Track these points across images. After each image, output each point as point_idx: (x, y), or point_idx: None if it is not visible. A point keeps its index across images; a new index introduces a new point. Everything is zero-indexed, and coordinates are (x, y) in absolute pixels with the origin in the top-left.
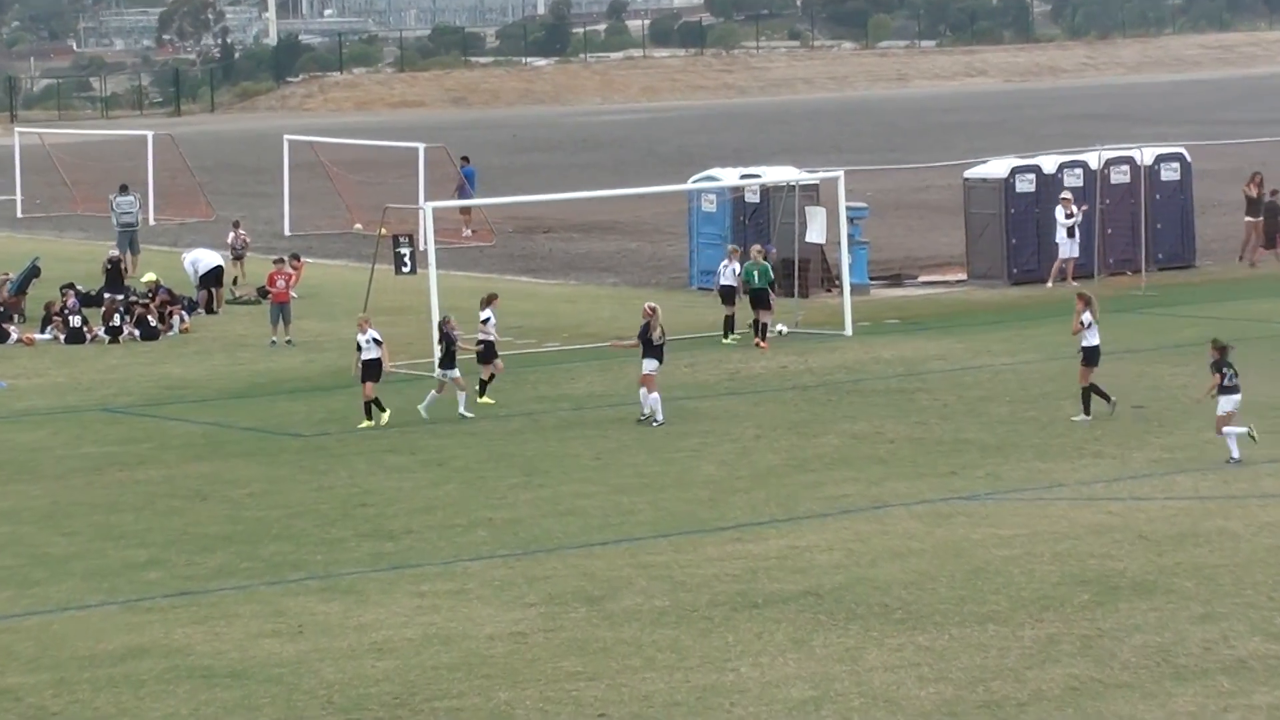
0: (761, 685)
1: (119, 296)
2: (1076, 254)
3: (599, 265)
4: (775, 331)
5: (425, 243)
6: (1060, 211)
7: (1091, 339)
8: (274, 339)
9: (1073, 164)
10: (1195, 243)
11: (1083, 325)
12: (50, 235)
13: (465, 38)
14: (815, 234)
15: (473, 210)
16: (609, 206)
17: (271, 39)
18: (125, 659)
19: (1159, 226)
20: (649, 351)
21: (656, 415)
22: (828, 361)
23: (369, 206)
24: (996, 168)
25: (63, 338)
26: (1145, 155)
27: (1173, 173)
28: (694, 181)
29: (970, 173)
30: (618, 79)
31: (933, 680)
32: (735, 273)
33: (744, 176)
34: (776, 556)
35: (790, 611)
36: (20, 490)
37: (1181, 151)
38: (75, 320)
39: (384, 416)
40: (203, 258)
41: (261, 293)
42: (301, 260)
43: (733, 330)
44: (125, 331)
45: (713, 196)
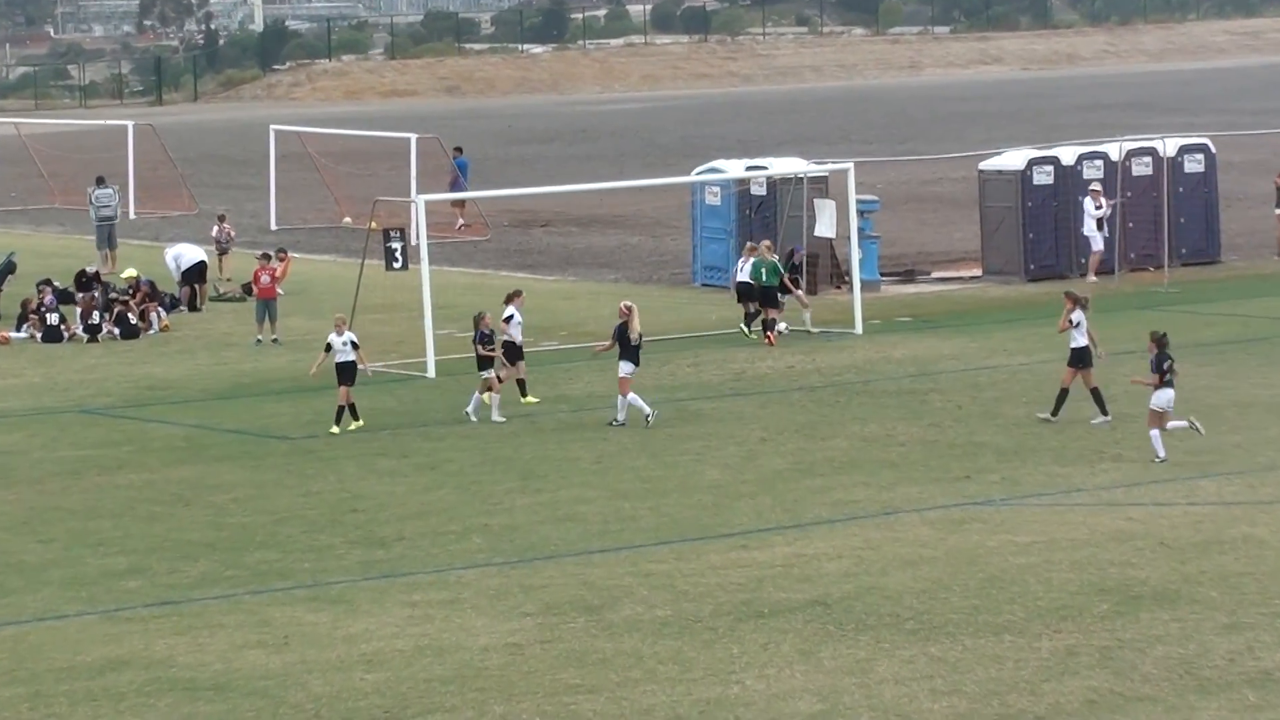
0: (767, 698)
1: (95, 294)
2: (1102, 247)
3: (598, 261)
4: (780, 330)
5: (417, 237)
6: (1089, 203)
7: (1080, 339)
8: (259, 337)
9: (1092, 155)
10: (1220, 237)
11: (1071, 324)
12: (27, 229)
13: (459, 24)
14: (824, 228)
15: (466, 203)
16: (608, 200)
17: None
18: (104, 671)
19: (1182, 220)
20: (626, 353)
21: (619, 415)
22: (837, 361)
23: (358, 199)
24: (1013, 159)
25: (39, 336)
26: (1168, 146)
27: (1197, 164)
28: (697, 174)
29: (986, 164)
30: (618, 67)
31: (946, 693)
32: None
33: (749, 168)
34: (783, 564)
35: (797, 622)
36: None
37: (1206, 142)
38: (52, 318)
39: (355, 425)
40: (185, 253)
41: (246, 289)
42: (288, 255)
43: (751, 323)
44: (104, 330)
45: (717, 189)
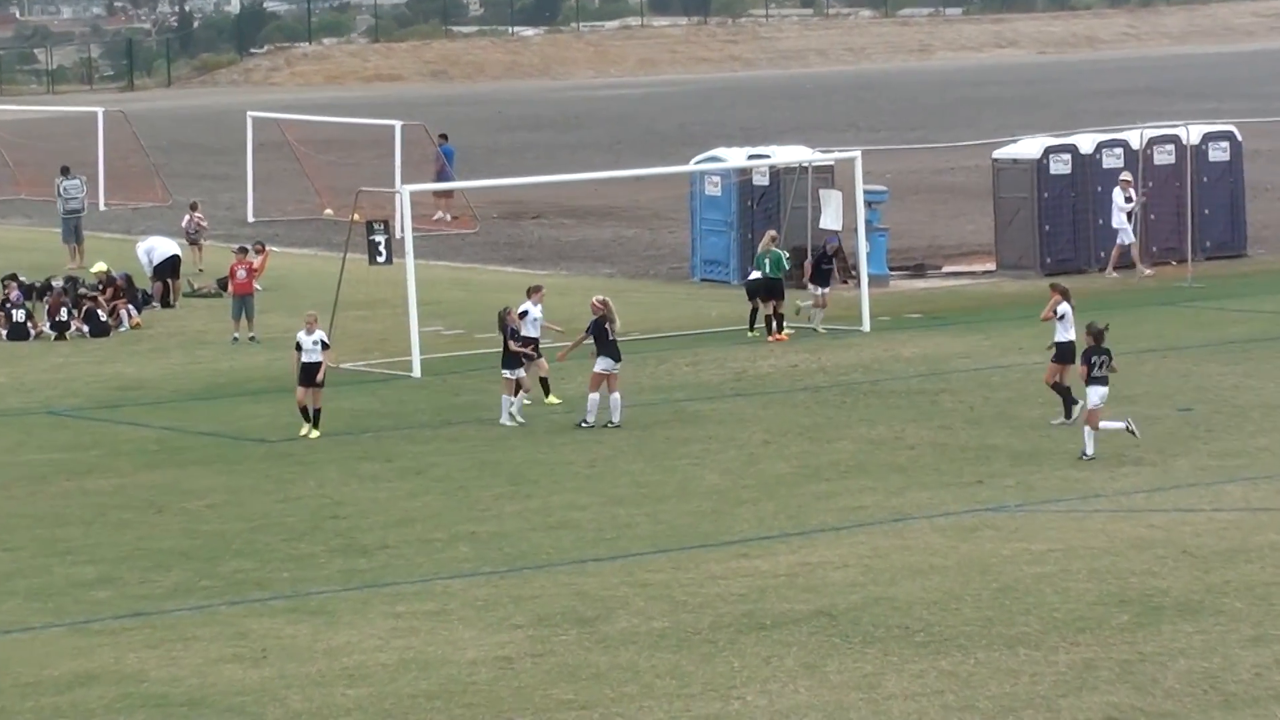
0: (770, 715)
1: (63, 290)
2: (1132, 239)
3: (592, 255)
4: (806, 316)
5: (402, 230)
6: (1119, 194)
7: (1065, 334)
8: (235, 335)
9: (1112, 144)
10: (1246, 229)
11: (1055, 315)
12: None
13: (446, 5)
14: (830, 220)
15: (453, 194)
16: (603, 190)
17: (233, 7)
18: (72, 686)
19: (1206, 212)
20: (605, 349)
21: (587, 416)
22: (843, 360)
23: (340, 190)
24: (1028, 147)
25: (4, 333)
26: (1191, 134)
27: (1222, 153)
28: (696, 163)
29: (1000, 153)
30: (613, 50)
31: (957, 709)
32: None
33: (751, 157)
34: (786, 574)
35: (801, 634)
36: None
37: (1231, 130)
38: (18, 315)
39: (314, 432)
40: (158, 246)
41: (222, 284)
42: (266, 249)
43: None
44: (73, 327)
45: (717, 179)
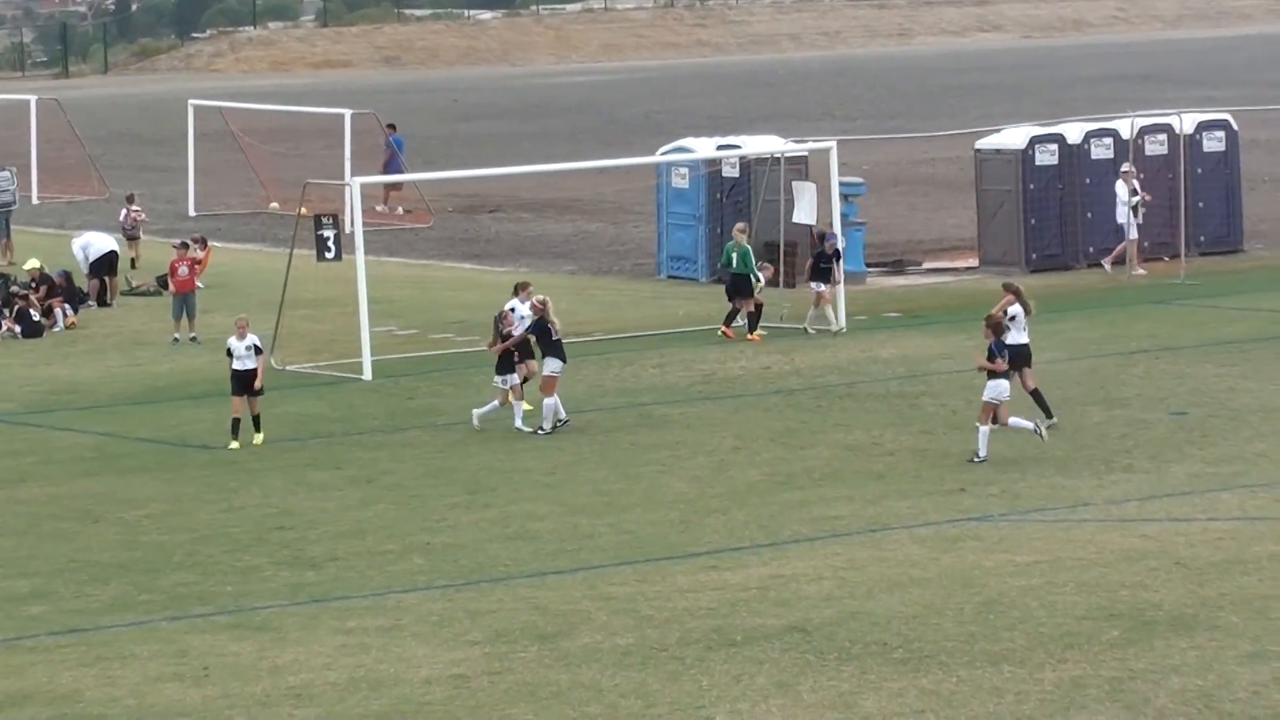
0: None
1: None
2: (1135, 235)
3: (553, 250)
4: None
5: (351, 224)
6: (1122, 188)
7: (1018, 336)
8: (176, 336)
9: (1101, 133)
10: (1243, 224)
11: (1004, 316)
12: None
13: None
14: (803, 214)
15: (403, 187)
16: (564, 182)
17: None
18: (3, 707)
19: (1201, 205)
20: (551, 349)
21: (544, 423)
22: (817, 361)
23: (287, 182)
24: (1013, 137)
25: None
26: (1185, 123)
27: (1217, 143)
28: (663, 153)
29: (983, 143)
30: (575, 35)
31: None
32: (764, 279)
33: (721, 148)
34: (758, 587)
35: (773, 651)
36: None
37: (1227, 118)
38: None
39: (258, 437)
40: (94, 242)
41: (161, 282)
42: (209, 245)
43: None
44: (3, 327)
45: (685, 171)
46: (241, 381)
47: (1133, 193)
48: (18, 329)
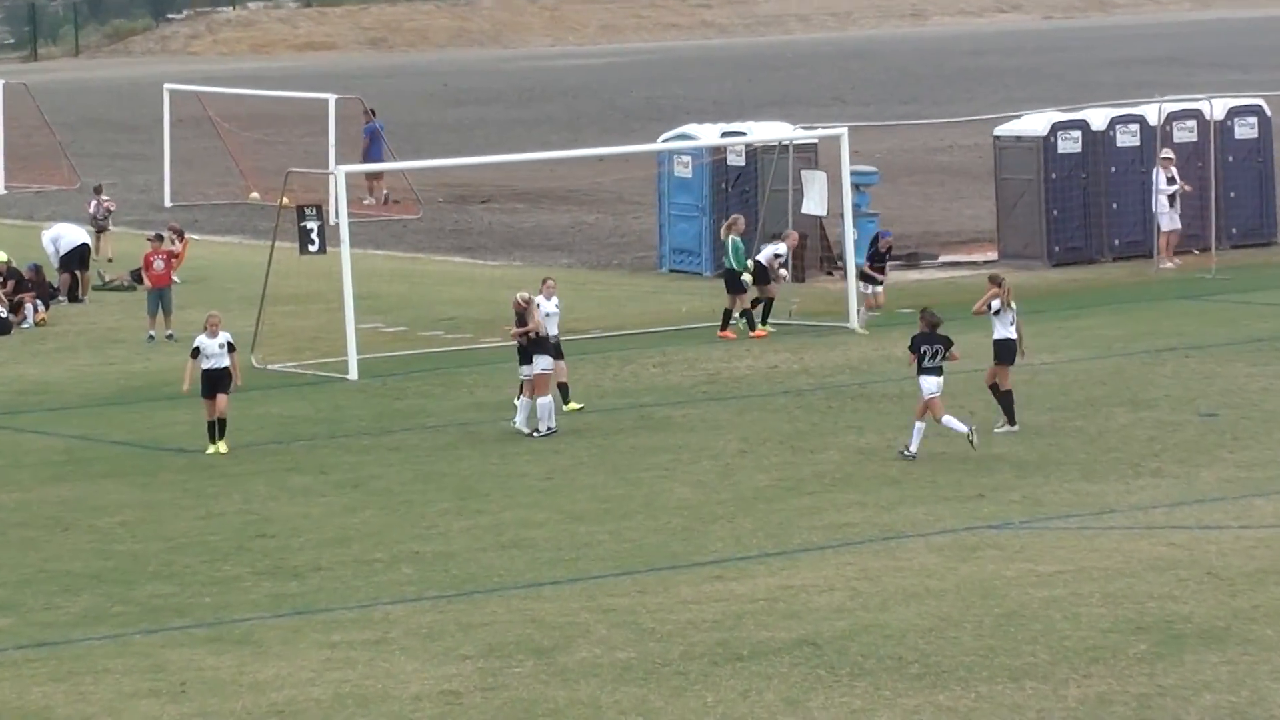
0: None
1: None
2: (1179, 225)
3: (549, 243)
4: (862, 314)
5: (336, 215)
6: (1160, 175)
7: (1003, 330)
8: (152, 333)
9: (1127, 119)
10: (1277, 214)
11: (988, 310)
12: None
13: None
14: (813, 205)
15: (382, 176)
16: (561, 171)
17: None
18: None
19: (1232, 195)
20: (542, 347)
21: (540, 424)
22: (828, 360)
23: (268, 171)
24: (1034, 123)
25: None
26: (1215, 108)
27: (1249, 129)
28: (665, 141)
29: (1002, 129)
30: (571, 15)
31: None
32: (776, 255)
33: (725, 135)
34: (765, 598)
35: (783, 665)
36: None
37: (1260, 104)
38: None
39: (220, 446)
40: (65, 234)
41: (136, 276)
42: (186, 237)
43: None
44: None
45: (688, 159)
46: (215, 382)
47: (1170, 181)
48: None
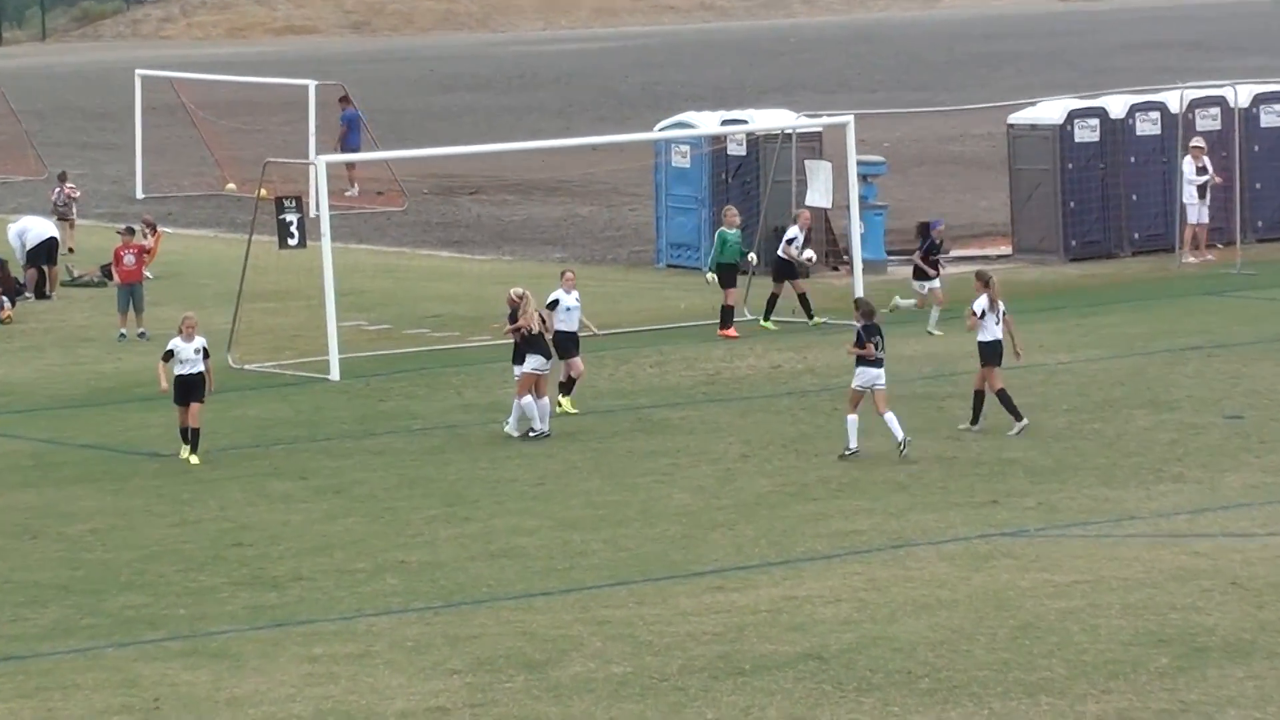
0: None
1: None
2: (1207, 219)
3: (540, 236)
4: (891, 307)
5: (317, 207)
6: (1189, 165)
7: (990, 332)
8: (123, 331)
9: (1147, 107)
10: None
11: (974, 315)
12: None
13: None
14: (818, 196)
15: (356, 166)
16: (553, 161)
17: None
18: None
19: (1258, 186)
20: (535, 345)
21: (535, 424)
22: (834, 359)
23: (245, 161)
24: (1050, 111)
25: None
26: (1240, 95)
27: (1276, 117)
28: (662, 129)
29: (1017, 117)
30: None
31: None
32: (798, 244)
33: (726, 123)
34: (768, 609)
35: (786, 680)
36: None
37: None
38: None
39: (193, 457)
40: (32, 228)
41: (106, 272)
42: (158, 230)
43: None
44: None
45: (686, 148)
46: (187, 389)
47: (1200, 170)
48: None
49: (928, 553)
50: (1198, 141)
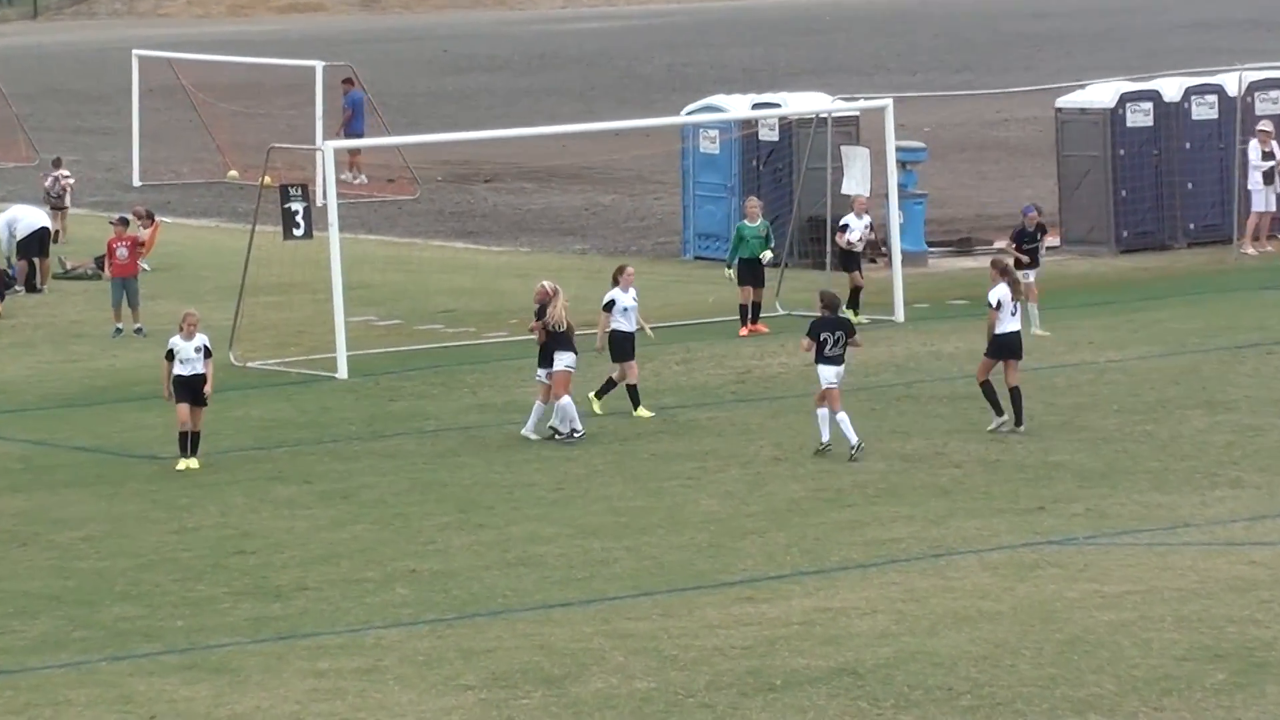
0: None
1: None
2: (1275, 207)
3: (560, 227)
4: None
5: (325, 196)
6: (1255, 149)
7: (1005, 324)
8: (119, 326)
9: (1203, 89)
10: None
11: (992, 307)
12: None
13: None
14: (854, 184)
15: (362, 152)
16: (574, 147)
17: None
18: None
19: None
20: (565, 343)
21: (562, 425)
22: (871, 357)
23: (249, 147)
24: (1100, 94)
25: None
26: None
27: None
28: (689, 113)
29: (1065, 100)
30: None
31: None
32: (867, 227)
33: (757, 106)
34: (800, 622)
35: (819, 697)
36: None
37: None
38: None
39: (192, 462)
40: (23, 217)
41: (100, 263)
42: (156, 220)
43: (856, 307)
44: None
45: (715, 134)
46: (189, 390)
47: (1266, 155)
48: None
49: (970, 562)
50: (1265, 125)
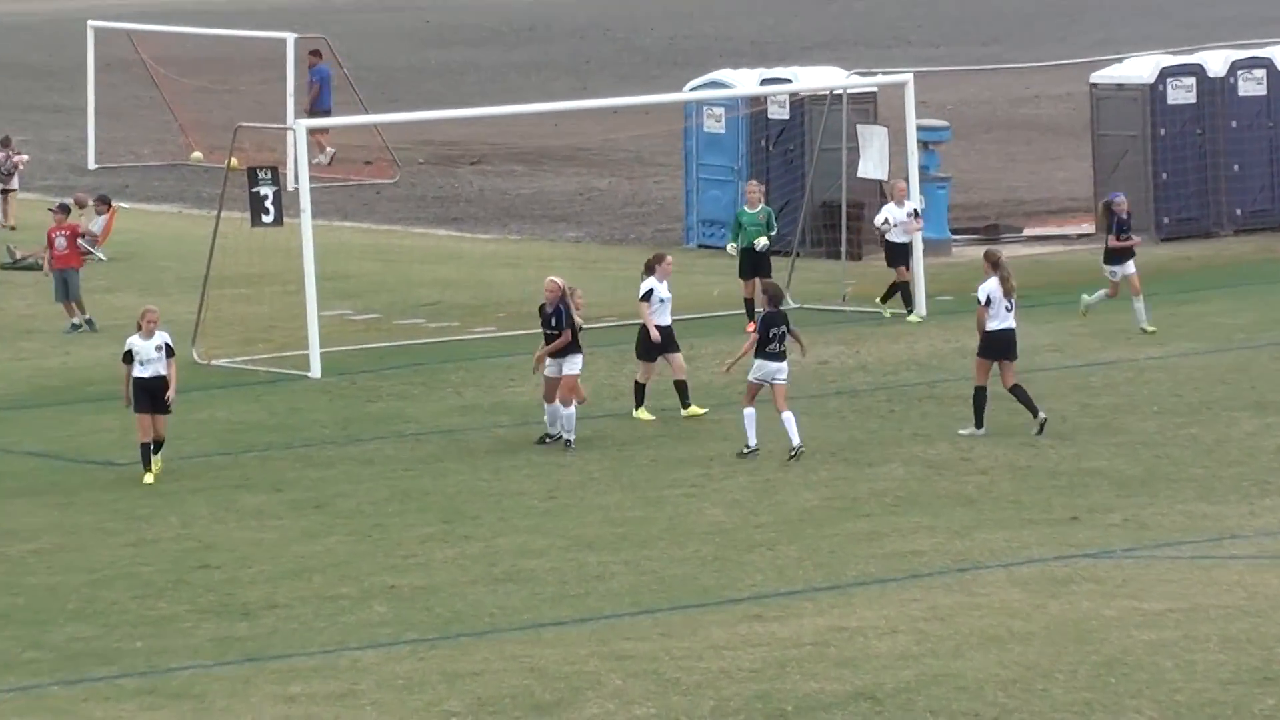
0: None
1: None
2: None
3: (552, 213)
4: (1082, 311)
5: (296, 180)
6: None
7: (997, 320)
8: (74, 321)
9: (1250, 63)
10: None
11: (980, 303)
12: None
13: None
14: (871, 167)
15: (329, 131)
16: (567, 126)
17: None
18: None
19: None
20: (574, 345)
21: (571, 435)
22: (890, 354)
23: (214, 126)
24: (1139, 68)
25: None
26: None
27: None
28: (693, 90)
29: (1100, 76)
30: None
31: None
32: (910, 215)
33: (766, 82)
34: (814, 643)
35: None
36: None
37: None
38: None
39: (152, 473)
40: None
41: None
42: (112, 206)
43: (910, 302)
44: None
45: (720, 111)
46: (150, 394)
47: None
48: None
49: (997, 577)
50: None
